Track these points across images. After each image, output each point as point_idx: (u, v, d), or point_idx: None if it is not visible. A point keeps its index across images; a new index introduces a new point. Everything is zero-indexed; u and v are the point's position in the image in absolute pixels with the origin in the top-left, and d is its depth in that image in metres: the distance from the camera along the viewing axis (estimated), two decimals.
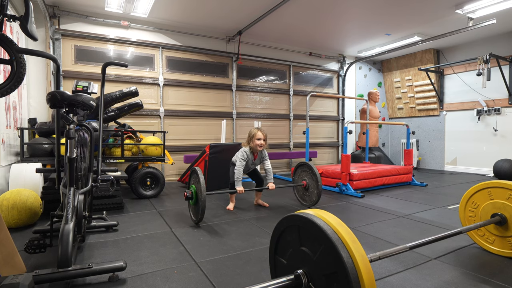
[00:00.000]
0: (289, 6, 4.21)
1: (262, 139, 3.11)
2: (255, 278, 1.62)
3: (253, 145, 3.12)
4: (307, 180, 3.27)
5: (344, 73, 6.86)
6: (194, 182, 2.71)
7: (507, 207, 1.83)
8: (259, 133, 3.10)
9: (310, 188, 3.24)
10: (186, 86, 5.18)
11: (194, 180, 2.72)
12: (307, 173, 3.29)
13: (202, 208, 2.45)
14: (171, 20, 4.81)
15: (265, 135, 3.14)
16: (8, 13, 1.56)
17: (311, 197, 3.23)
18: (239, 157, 3.13)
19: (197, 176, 2.60)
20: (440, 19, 4.74)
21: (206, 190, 2.48)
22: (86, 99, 1.79)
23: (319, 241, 1.00)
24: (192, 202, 2.68)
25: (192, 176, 2.79)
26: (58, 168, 2.12)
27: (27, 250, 1.73)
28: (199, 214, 2.49)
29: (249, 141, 3.16)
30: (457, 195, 3.85)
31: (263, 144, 3.12)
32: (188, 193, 2.65)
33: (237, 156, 3.18)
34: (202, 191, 2.45)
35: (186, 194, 2.65)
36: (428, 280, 1.59)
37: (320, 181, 3.09)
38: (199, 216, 2.50)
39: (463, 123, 6.17)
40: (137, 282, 1.57)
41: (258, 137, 3.11)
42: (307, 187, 3.26)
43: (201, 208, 2.46)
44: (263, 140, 3.12)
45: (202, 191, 2.45)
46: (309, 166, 3.24)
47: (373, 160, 6.07)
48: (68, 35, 4.34)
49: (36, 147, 3.32)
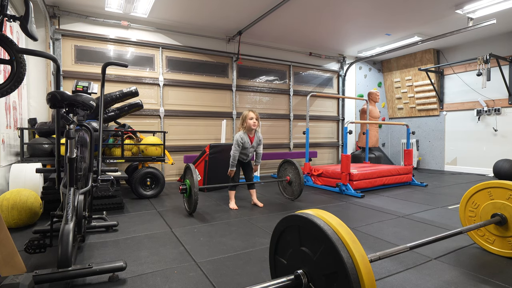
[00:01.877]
0: (289, 6, 4.21)
1: (255, 118, 3.19)
2: (255, 278, 1.62)
3: (247, 125, 3.20)
4: (290, 175, 3.50)
5: (344, 73, 6.86)
6: (188, 177, 3.00)
7: (507, 207, 1.83)
8: (251, 113, 3.19)
9: (293, 183, 3.48)
10: (186, 86, 5.18)
11: (188, 175, 3.01)
12: (291, 169, 3.53)
13: (194, 200, 2.77)
14: (171, 20, 4.81)
15: (257, 115, 3.22)
16: (8, 13, 1.56)
17: (293, 191, 3.48)
18: (234, 142, 3.21)
19: (190, 172, 2.88)
20: (440, 19, 4.74)
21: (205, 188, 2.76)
22: (86, 99, 1.79)
23: (319, 241, 1.00)
24: (186, 195, 2.99)
25: (186, 171, 3.07)
26: (58, 168, 2.12)
27: (27, 250, 1.72)
28: (192, 206, 2.83)
29: (242, 123, 3.24)
30: (457, 195, 3.85)
31: (255, 123, 3.19)
32: (183, 186, 2.95)
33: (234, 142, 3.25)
34: (195, 185, 2.75)
35: (181, 188, 2.94)
36: (428, 280, 1.59)
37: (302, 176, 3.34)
38: (192, 208, 2.84)
39: (463, 123, 6.17)
40: (137, 282, 1.57)
41: (250, 116, 3.19)
42: (291, 182, 3.49)
43: (193, 201, 2.78)
44: (255, 119, 3.19)
45: (195, 185, 2.75)
46: (292, 162, 3.48)
47: (373, 160, 6.07)
48: (68, 35, 4.34)
49: (36, 147, 3.32)
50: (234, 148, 3.19)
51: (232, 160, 3.20)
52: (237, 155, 3.20)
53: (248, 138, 3.24)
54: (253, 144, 3.28)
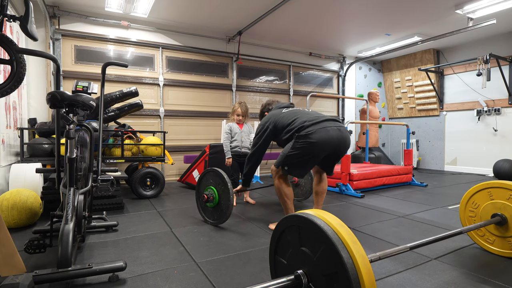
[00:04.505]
0: (289, 6, 4.21)
1: (241, 115, 3.38)
2: (255, 278, 1.62)
3: (234, 119, 3.40)
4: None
5: (344, 73, 6.86)
6: (213, 184, 2.58)
7: (507, 207, 1.83)
8: (239, 109, 3.36)
9: (301, 185, 3.42)
10: (186, 86, 5.18)
11: (213, 181, 2.59)
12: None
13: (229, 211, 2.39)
14: (171, 20, 4.80)
15: (244, 111, 3.38)
16: (8, 13, 1.56)
17: (304, 192, 3.41)
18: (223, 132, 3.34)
19: (220, 179, 2.48)
20: (440, 19, 4.74)
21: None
22: (86, 99, 1.79)
23: (320, 241, 1.00)
24: (212, 205, 2.56)
25: (207, 177, 2.67)
26: (58, 168, 2.12)
27: (27, 250, 1.72)
28: (224, 216, 2.45)
29: (232, 114, 3.44)
30: (457, 195, 3.84)
31: (240, 120, 3.39)
32: (209, 196, 2.52)
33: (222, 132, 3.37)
34: (231, 193, 2.37)
35: (207, 197, 2.52)
36: (428, 280, 1.59)
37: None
38: (224, 218, 2.46)
39: (463, 123, 6.17)
40: (137, 282, 1.57)
41: (237, 113, 3.37)
42: (298, 183, 3.44)
43: (228, 211, 2.39)
44: (241, 116, 3.38)
45: (231, 193, 2.37)
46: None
47: (373, 160, 6.07)
48: (68, 35, 4.34)
49: (36, 147, 3.32)
50: (223, 137, 3.35)
51: (224, 148, 3.29)
52: (228, 142, 3.31)
53: (237, 125, 3.39)
54: (243, 129, 3.39)
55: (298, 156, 2.23)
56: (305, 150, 2.20)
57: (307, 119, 2.27)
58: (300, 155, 2.22)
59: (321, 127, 2.21)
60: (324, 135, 2.19)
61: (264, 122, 2.54)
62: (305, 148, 2.20)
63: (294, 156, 2.24)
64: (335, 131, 2.25)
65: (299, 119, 2.31)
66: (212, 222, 2.60)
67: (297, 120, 2.31)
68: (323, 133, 2.19)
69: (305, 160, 2.25)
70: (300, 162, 2.26)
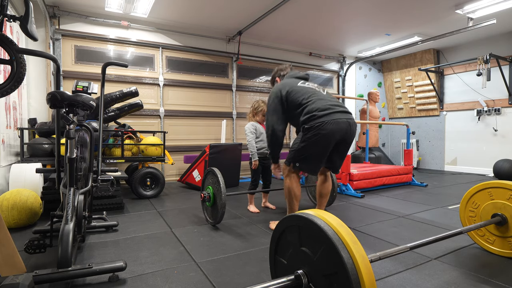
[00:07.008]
0: (289, 6, 4.21)
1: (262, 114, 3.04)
2: (255, 278, 1.62)
3: (259, 119, 3.07)
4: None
5: (344, 73, 6.85)
6: (211, 183, 2.61)
7: (508, 207, 1.83)
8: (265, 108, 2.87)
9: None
10: (186, 86, 5.18)
11: (211, 181, 2.61)
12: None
13: (221, 211, 2.40)
14: (171, 20, 4.80)
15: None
16: (8, 13, 1.56)
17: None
18: (247, 131, 3.01)
19: (215, 178, 2.50)
20: (440, 19, 4.74)
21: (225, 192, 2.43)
22: (86, 99, 1.79)
23: (320, 241, 1.00)
24: (209, 204, 2.59)
25: (208, 176, 2.69)
26: (58, 168, 2.12)
27: (27, 250, 1.72)
28: (218, 216, 2.45)
29: (255, 115, 3.09)
30: (457, 195, 3.84)
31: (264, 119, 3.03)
32: (206, 195, 2.56)
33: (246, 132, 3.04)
34: (223, 193, 2.37)
35: (203, 195, 2.56)
36: (428, 280, 1.59)
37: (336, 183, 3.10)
38: (218, 219, 2.46)
39: (463, 123, 6.17)
40: (137, 282, 1.57)
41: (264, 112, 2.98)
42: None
43: (220, 211, 2.41)
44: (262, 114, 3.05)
45: (223, 193, 2.36)
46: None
47: (373, 160, 6.07)
48: (68, 35, 4.34)
49: (36, 147, 3.32)
50: (249, 136, 2.98)
51: (251, 149, 2.96)
52: (254, 143, 2.98)
53: (260, 125, 3.10)
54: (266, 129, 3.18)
55: (309, 148, 2.16)
56: (316, 142, 2.13)
57: (321, 106, 2.16)
58: (311, 146, 2.15)
59: (332, 118, 2.12)
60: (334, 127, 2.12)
61: (277, 89, 2.36)
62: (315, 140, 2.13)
63: (304, 149, 2.18)
64: (345, 123, 2.16)
65: (313, 103, 2.19)
66: (211, 222, 2.60)
67: (311, 104, 2.19)
68: (333, 125, 2.12)
69: (316, 152, 2.18)
70: (311, 156, 2.19)
